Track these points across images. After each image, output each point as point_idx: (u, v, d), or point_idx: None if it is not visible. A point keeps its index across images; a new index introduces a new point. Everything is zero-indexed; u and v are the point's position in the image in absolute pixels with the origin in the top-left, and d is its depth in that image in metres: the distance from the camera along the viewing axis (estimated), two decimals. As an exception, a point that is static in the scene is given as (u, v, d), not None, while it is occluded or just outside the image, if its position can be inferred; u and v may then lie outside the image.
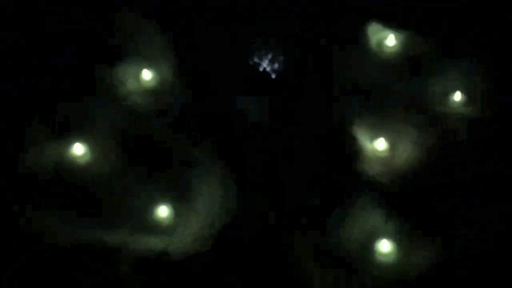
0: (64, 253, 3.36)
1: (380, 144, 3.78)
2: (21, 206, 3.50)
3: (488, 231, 3.52)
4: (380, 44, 4.14)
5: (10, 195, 3.57)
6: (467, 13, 4.23)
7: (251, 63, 4.03)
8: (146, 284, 3.29)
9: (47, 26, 4.17)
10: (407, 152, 3.73)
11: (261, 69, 4.02)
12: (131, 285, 3.28)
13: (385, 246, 3.28)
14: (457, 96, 4.03)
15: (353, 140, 3.76)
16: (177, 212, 3.55)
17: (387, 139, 3.80)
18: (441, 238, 3.43)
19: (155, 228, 3.50)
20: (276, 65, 4.00)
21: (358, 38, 4.19)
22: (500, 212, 3.58)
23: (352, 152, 3.74)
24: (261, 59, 4.02)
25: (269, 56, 4.02)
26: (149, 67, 4.15)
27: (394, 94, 4.03)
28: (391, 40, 4.13)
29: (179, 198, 3.59)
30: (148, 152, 3.75)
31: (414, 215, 3.48)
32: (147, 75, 3.96)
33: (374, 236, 3.43)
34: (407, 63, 4.21)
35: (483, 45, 4.10)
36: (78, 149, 3.67)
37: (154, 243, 3.42)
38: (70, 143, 3.72)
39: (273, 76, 4.01)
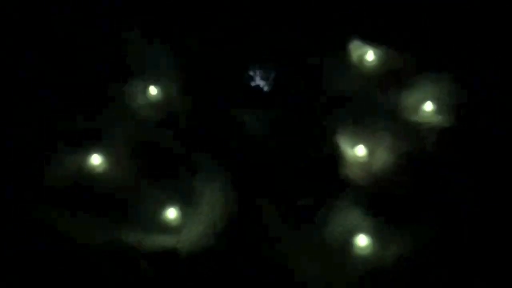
0: (92, 251, 3.62)
1: (360, 151, 4.05)
2: (51, 211, 3.72)
3: (454, 225, 3.79)
4: (361, 59, 4.41)
5: (39, 202, 3.77)
6: (438, 32, 4.47)
7: (246, 80, 4.26)
8: (160, 275, 3.56)
9: (66, 49, 4.32)
10: (384, 157, 4.01)
11: (255, 84, 4.26)
12: (149, 277, 3.55)
13: (362, 241, 3.60)
14: (428, 106, 4.20)
15: (336, 147, 4.02)
16: (183, 213, 3.81)
17: (366, 146, 4.04)
18: (410, 232, 3.66)
19: (165, 228, 3.77)
20: (268, 81, 4.26)
21: (341, 54, 4.38)
22: (463, 206, 3.85)
23: (335, 158, 3.98)
24: (255, 76, 4.27)
25: (262, 73, 4.27)
26: (155, 83, 4.27)
27: (373, 105, 4.25)
28: (370, 55, 4.40)
29: (185, 201, 3.84)
30: (157, 160, 3.99)
31: (389, 213, 3.75)
32: (153, 90, 4.23)
33: (354, 232, 3.68)
34: (384, 76, 4.43)
35: (452, 61, 4.35)
36: (96, 160, 3.93)
37: (165, 241, 3.71)
38: (88, 154, 3.93)
39: (266, 90, 4.26)
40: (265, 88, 4.28)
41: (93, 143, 4.04)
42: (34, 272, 3.65)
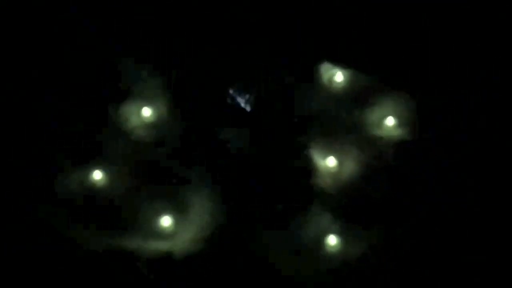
0: (94, 255, 4.02)
1: (331, 162, 4.42)
2: (58, 221, 4.11)
3: (415, 227, 4.29)
4: (330, 80, 4.71)
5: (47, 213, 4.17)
6: (398, 57, 4.82)
7: (230, 101, 4.61)
8: (158, 276, 3.97)
9: (67, 74, 4.64)
10: (351, 168, 4.42)
11: (238, 105, 4.59)
12: (146, 277, 3.96)
13: (332, 240, 4.07)
14: (390, 121, 4.57)
15: (309, 159, 4.42)
16: (176, 221, 4.18)
17: (336, 157, 4.44)
18: (376, 233, 4.14)
19: (161, 234, 4.16)
20: (249, 102, 4.59)
21: (313, 76, 4.73)
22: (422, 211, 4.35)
23: (308, 169, 4.38)
24: (238, 97, 4.61)
25: (244, 95, 4.60)
26: (148, 105, 4.53)
27: (341, 120, 4.63)
28: (339, 76, 4.71)
29: (178, 210, 4.22)
30: (151, 174, 4.35)
31: (355, 216, 4.22)
32: (146, 112, 4.51)
33: (325, 233, 4.12)
34: (351, 95, 4.68)
35: (410, 82, 4.71)
36: (97, 175, 4.31)
37: (161, 245, 4.08)
38: (90, 170, 4.32)
39: (248, 110, 4.60)
40: (247, 108, 4.58)
41: (95, 160, 4.34)
42: (36, 271, 4.00)
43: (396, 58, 4.83)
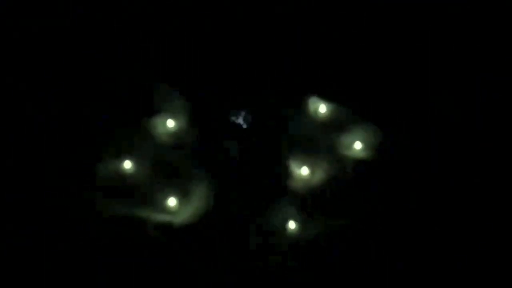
0: (115, 220, 4.88)
1: (304, 171, 5.07)
2: (93, 196, 4.93)
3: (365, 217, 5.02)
4: (316, 111, 5.32)
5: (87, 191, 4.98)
6: (370, 95, 5.41)
7: (232, 120, 5.30)
8: (162, 238, 4.82)
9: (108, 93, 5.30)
10: (320, 177, 5.13)
11: (237, 123, 5.27)
12: (154, 238, 4.81)
13: (292, 225, 4.88)
14: (358, 145, 5.21)
15: (287, 167, 5.14)
16: (180, 202, 4.95)
17: (309, 168, 5.10)
18: (328, 222, 4.93)
19: (167, 210, 4.93)
20: (247, 121, 5.31)
21: (302, 106, 5.34)
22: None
23: (286, 174, 5.12)
24: (238, 117, 5.30)
25: (243, 115, 5.29)
26: (172, 118, 5.22)
27: (319, 142, 5.28)
28: (322, 108, 5.31)
29: (183, 195, 4.99)
30: (168, 169, 5.07)
31: (315, 210, 5.06)
32: (170, 123, 5.21)
33: (288, 220, 4.90)
34: (331, 123, 5.30)
35: (377, 114, 5.33)
36: (127, 165, 5.04)
37: (166, 217, 4.89)
38: (123, 161, 5.07)
39: (245, 127, 5.27)
40: (244, 126, 5.26)
41: (127, 156, 5.10)
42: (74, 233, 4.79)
43: (368, 97, 5.41)
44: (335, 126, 5.30)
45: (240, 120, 5.29)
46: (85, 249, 4.76)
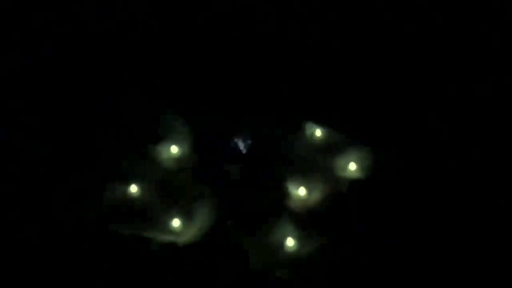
0: (125, 239, 4.99)
1: (301, 191, 5.15)
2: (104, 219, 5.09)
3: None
4: (312, 135, 5.47)
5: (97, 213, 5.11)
6: (364, 121, 5.60)
7: (232, 145, 5.46)
8: (165, 256, 4.94)
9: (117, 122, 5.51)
10: (317, 197, 5.23)
11: (237, 148, 5.41)
12: (158, 253, 4.96)
13: (290, 242, 4.92)
14: (352, 166, 5.32)
15: (285, 188, 5.26)
16: (183, 223, 5.05)
17: (306, 189, 5.19)
18: (324, 240, 5.02)
19: (171, 231, 5.05)
20: (247, 146, 5.43)
21: (299, 131, 5.53)
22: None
23: (284, 194, 5.25)
24: (238, 142, 5.44)
25: (243, 141, 5.43)
26: (176, 144, 5.40)
27: (316, 164, 5.42)
28: (318, 133, 5.44)
29: (186, 216, 5.09)
30: (172, 191, 5.23)
31: (312, 228, 5.12)
32: (174, 149, 5.38)
33: (286, 237, 4.94)
34: (326, 146, 5.45)
35: (369, 139, 5.48)
36: (133, 189, 5.17)
37: (170, 237, 5.02)
38: (129, 185, 5.21)
39: (244, 152, 5.42)
40: (244, 151, 5.41)
41: (133, 180, 5.26)
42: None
43: (362, 123, 5.59)
44: (331, 149, 5.46)
45: (240, 145, 5.46)
46: (93, 265, 4.95)
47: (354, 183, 5.33)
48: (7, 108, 5.35)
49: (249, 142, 5.42)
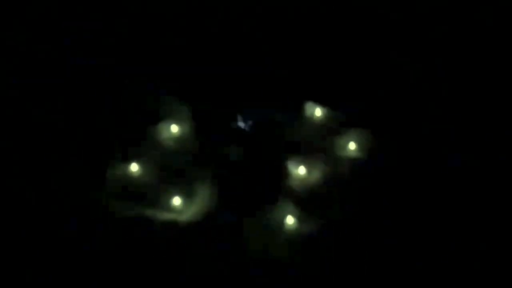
0: (124, 220, 5.01)
1: (301, 170, 5.20)
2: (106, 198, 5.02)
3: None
4: (312, 114, 5.54)
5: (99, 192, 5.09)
6: (364, 101, 5.64)
7: (234, 126, 5.56)
8: (166, 234, 4.94)
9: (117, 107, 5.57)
10: (316, 176, 5.27)
11: (240, 129, 5.49)
12: (157, 231, 4.97)
13: (290, 220, 4.97)
14: (352, 146, 5.38)
15: (285, 168, 5.30)
16: (184, 202, 5.08)
17: (306, 168, 5.23)
18: (323, 215, 5.11)
19: (172, 210, 5.08)
20: (248, 125, 5.51)
21: (299, 111, 5.58)
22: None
23: (284, 174, 5.31)
24: (240, 123, 5.52)
25: (245, 122, 5.53)
26: (176, 124, 5.44)
27: (316, 144, 5.46)
28: (318, 112, 5.53)
29: (186, 195, 5.14)
30: (172, 171, 5.26)
31: (311, 206, 5.24)
32: (174, 129, 5.39)
33: (286, 215, 4.97)
34: (326, 126, 5.49)
35: (369, 119, 5.54)
36: (134, 167, 5.19)
37: (170, 215, 5.04)
38: (131, 164, 5.23)
39: (247, 132, 5.50)
40: (246, 129, 5.49)
41: (135, 159, 5.28)
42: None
43: (361, 102, 5.66)
44: (330, 129, 5.52)
45: (241, 125, 5.53)
46: (95, 246, 4.96)
47: (353, 163, 5.37)
48: (8, 88, 5.48)
49: (250, 122, 5.51)
